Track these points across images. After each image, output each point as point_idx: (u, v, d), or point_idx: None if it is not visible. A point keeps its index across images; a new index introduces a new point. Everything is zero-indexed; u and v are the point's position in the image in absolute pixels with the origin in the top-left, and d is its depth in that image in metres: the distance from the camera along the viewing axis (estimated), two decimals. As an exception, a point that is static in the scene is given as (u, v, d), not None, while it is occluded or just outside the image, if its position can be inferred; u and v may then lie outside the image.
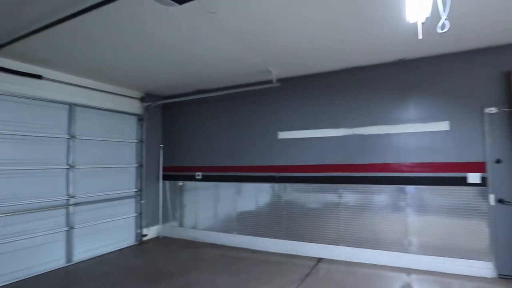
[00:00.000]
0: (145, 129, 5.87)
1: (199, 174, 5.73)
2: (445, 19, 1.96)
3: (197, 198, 5.75)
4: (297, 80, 4.91)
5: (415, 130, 4.14)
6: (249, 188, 5.25)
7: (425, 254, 4.02)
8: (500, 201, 3.72)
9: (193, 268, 4.28)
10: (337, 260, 4.42)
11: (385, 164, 4.28)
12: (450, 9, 2.52)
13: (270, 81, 4.70)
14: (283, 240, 4.87)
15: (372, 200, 4.35)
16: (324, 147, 4.68)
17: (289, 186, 4.91)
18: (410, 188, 4.15)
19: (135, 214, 5.66)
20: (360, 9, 2.84)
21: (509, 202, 3.67)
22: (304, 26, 3.18)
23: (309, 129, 4.79)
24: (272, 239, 4.95)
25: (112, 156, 5.33)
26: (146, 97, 5.91)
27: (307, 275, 3.94)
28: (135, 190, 5.69)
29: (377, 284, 3.64)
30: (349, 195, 4.49)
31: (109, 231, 5.17)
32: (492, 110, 3.80)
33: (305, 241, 4.71)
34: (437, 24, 2.04)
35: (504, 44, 3.74)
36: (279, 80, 4.73)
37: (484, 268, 3.74)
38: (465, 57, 3.94)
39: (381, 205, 4.30)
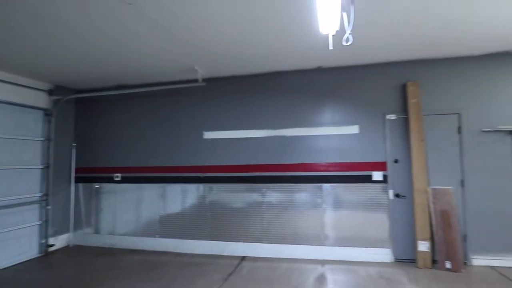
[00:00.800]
0: (53, 125, 5.20)
1: (118, 176, 5.31)
2: (349, 34, 2.19)
3: (116, 202, 5.33)
4: (223, 80, 4.93)
5: (330, 133, 4.53)
6: (173, 189, 5.08)
7: (338, 246, 4.42)
8: (397, 195, 4.30)
9: (108, 278, 3.94)
10: (261, 258, 4.56)
11: (304, 164, 4.58)
12: (357, 28, 2.90)
13: (196, 80, 4.63)
14: (207, 241, 4.83)
15: (293, 198, 4.61)
16: (249, 148, 4.79)
17: (215, 186, 4.90)
18: (326, 186, 4.52)
19: (39, 222, 4.97)
20: (279, 19, 2.99)
21: (404, 196, 4.27)
22: (227, 29, 3.22)
23: (234, 129, 4.86)
24: (196, 241, 4.87)
25: (13, 156, 4.60)
26: (56, 90, 5.25)
27: (230, 274, 3.98)
28: (40, 194, 5.00)
29: (296, 277, 3.86)
30: (272, 194, 4.68)
31: (5, 243, 4.44)
32: (392, 117, 4.37)
33: (229, 241, 4.75)
34: (345, 38, 2.26)
35: (401, 60, 4.34)
36: (205, 80, 4.69)
37: (385, 254, 4.28)
38: (371, 70, 4.45)
39: (301, 202, 4.59)
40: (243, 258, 4.57)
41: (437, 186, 4.18)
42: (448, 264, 3.93)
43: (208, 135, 4.96)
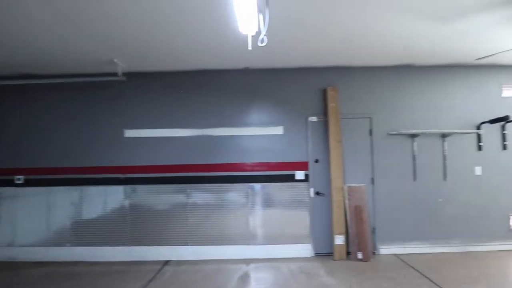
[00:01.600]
0: None
1: (20, 178, 4.64)
2: (264, 35, 2.23)
3: (17, 208, 4.63)
4: (146, 75, 4.66)
5: (256, 133, 4.61)
6: (89, 192, 4.62)
7: (263, 244, 4.52)
8: (317, 193, 4.57)
9: (2, 297, 3.41)
10: (186, 261, 4.42)
11: (231, 164, 4.58)
12: (276, 32, 3.02)
13: (115, 74, 4.28)
14: (128, 247, 4.51)
15: (219, 199, 4.57)
16: (174, 147, 4.61)
17: (137, 188, 4.60)
18: (252, 186, 4.58)
19: None
20: (198, 17, 2.93)
21: (323, 193, 4.55)
22: (147, 22, 3.04)
23: (159, 128, 4.63)
24: (115, 247, 4.51)
25: None
26: None
27: (150, 280, 3.76)
28: None
29: (220, 278, 3.82)
30: (198, 195, 4.58)
31: None
32: (314, 119, 4.63)
33: (152, 245, 4.50)
34: (260, 38, 2.29)
35: (322, 66, 4.63)
36: (127, 74, 4.38)
37: (306, 250, 4.51)
38: (295, 73, 4.66)
39: (228, 203, 4.58)
40: (167, 262, 4.38)
41: (352, 184, 4.55)
42: (359, 255, 4.31)
43: (130, 133, 4.63)
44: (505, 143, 4.71)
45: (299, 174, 4.57)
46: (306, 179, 4.57)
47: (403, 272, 3.86)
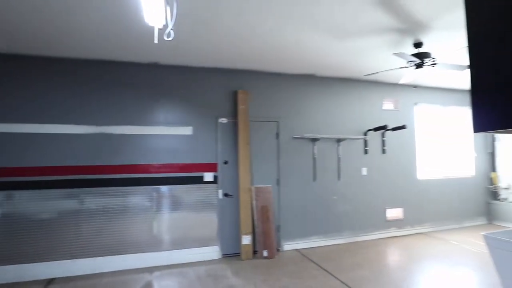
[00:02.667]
0: None
1: None
2: (171, 29, 2.11)
3: None
4: (32, 60, 3.93)
5: (164, 133, 4.36)
6: None
7: (169, 250, 4.29)
8: (225, 194, 4.57)
9: None
10: (76, 276, 3.86)
11: (135, 165, 4.22)
12: (187, 29, 2.91)
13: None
14: (-3, 267, 3.70)
15: (120, 203, 4.15)
16: (65, 146, 3.99)
17: (13, 194, 3.81)
18: (158, 188, 4.31)
19: None
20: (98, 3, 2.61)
21: (232, 195, 4.58)
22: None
23: (43, 123, 3.94)
24: (-22, 269, 3.65)
25: None
26: None
27: (27, 305, 3.16)
28: None
29: (117, 292, 3.46)
30: (95, 200, 4.06)
31: None
32: (224, 120, 4.64)
33: (31, 262, 3.79)
34: (167, 32, 2.15)
35: (233, 68, 4.68)
36: (3, 56, 3.61)
37: (213, 252, 4.46)
38: (207, 73, 4.59)
39: (130, 207, 4.19)
40: (51, 281, 3.74)
41: (259, 185, 4.71)
42: (265, 253, 4.47)
43: (4, 128, 3.82)
44: (384, 148, 5.57)
45: (208, 176, 4.50)
46: (215, 181, 4.53)
47: (303, 265, 4.16)
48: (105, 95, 4.18)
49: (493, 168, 6.55)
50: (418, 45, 3.75)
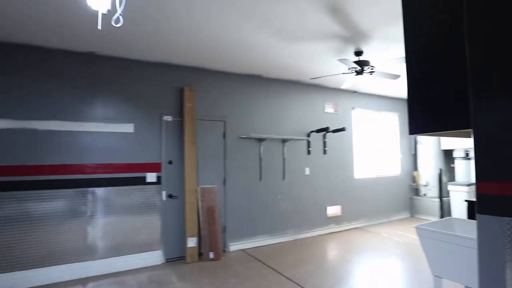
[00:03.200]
0: None
1: None
2: (120, 15, 1.91)
3: None
4: None
5: (102, 130, 3.98)
6: None
7: (106, 258, 3.92)
8: (170, 196, 4.36)
9: None
10: (-11, 295, 3.31)
11: (64, 165, 3.77)
12: (131, 21, 2.67)
13: None
14: None
15: (46, 209, 3.66)
16: (-25, 143, 3.40)
17: None
18: (93, 190, 3.91)
19: None
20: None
21: (176, 196, 4.39)
22: None
23: None
24: None
25: None
26: None
27: None
28: None
29: (43, 309, 3.04)
30: (12, 206, 3.52)
31: None
32: (169, 118, 4.42)
33: None
34: (115, 18, 1.95)
35: (180, 65, 4.49)
36: None
37: (156, 257, 4.21)
38: (152, 68, 4.33)
39: (58, 213, 3.72)
40: (-46, 302, 3.15)
41: (205, 185, 4.59)
42: (211, 255, 4.37)
43: None
44: (325, 148, 5.88)
45: (151, 176, 4.24)
46: (159, 182, 4.29)
47: (250, 265, 4.16)
48: (28, 85, 3.65)
49: (415, 168, 7.38)
50: (359, 53, 4.03)
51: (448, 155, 7.08)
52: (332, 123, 5.94)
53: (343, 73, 4.18)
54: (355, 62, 4.02)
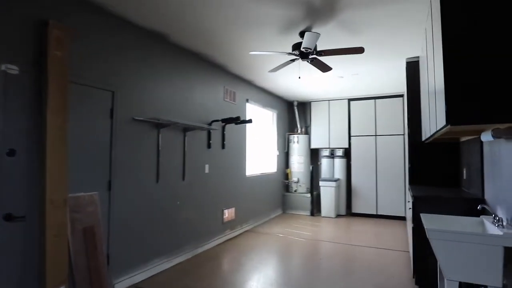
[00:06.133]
0: None
1: None
2: None
3: None
4: None
5: None
6: None
7: None
8: (7, 217, 2.30)
9: None
10: None
11: None
12: None
13: None
14: None
15: None
16: None
17: None
18: None
19: None
20: None
21: (22, 217, 2.38)
22: None
23: None
24: None
25: None
26: None
27: None
28: None
29: None
30: None
31: None
32: (13, 69, 2.35)
33: None
34: None
35: (42, -22, 2.50)
36: None
37: None
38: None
39: None
40: None
41: (79, 193, 2.78)
42: (88, 307, 2.65)
43: None
44: (224, 142, 5.02)
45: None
46: (-14, 191, 2.18)
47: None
48: None
49: (287, 165, 7.68)
50: (303, 34, 3.48)
51: (315, 153, 7.78)
52: (229, 113, 5.18)
53: (288, 53, 3.52)
54: (295, 44, 3.47)
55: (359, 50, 3.31)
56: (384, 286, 3.26)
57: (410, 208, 3.43)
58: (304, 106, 7.88)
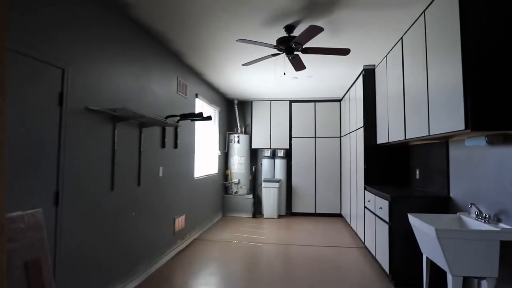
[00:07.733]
0: None
1: None
2: None
3: None
4: None
5: None
6: None
7: None
8: None
9: None
10: None
11: None
12: None
13: None
14: None
15: None
16: None
17: None
18: None
19: None
20: None
21: None
22: None
23: None
24: None
25: None
26: None
27: None
28: None
29: None
30: None
31: None
32: None
33: None
34: None
35: None
36: None
37: None
38: None
39: None
40: None
41: (16, 213, 1.93)
42: None
43: None
44: (177, 141, 4.40)
45: None
46: None
47: None
48: None
49: (227, 166, 7.33)
50: (290, 28, 3.27)
51: (255, 153, 7.65)
52: (182, 107, 4.60)
53: (274, 46, 3.23)
54: (283, 38, 3.26)
55: (345, 52, 3.28)
56: (361, 285, 3.31)
57: (380, 208, 3.59)
58: (245, 105, 7.68)
